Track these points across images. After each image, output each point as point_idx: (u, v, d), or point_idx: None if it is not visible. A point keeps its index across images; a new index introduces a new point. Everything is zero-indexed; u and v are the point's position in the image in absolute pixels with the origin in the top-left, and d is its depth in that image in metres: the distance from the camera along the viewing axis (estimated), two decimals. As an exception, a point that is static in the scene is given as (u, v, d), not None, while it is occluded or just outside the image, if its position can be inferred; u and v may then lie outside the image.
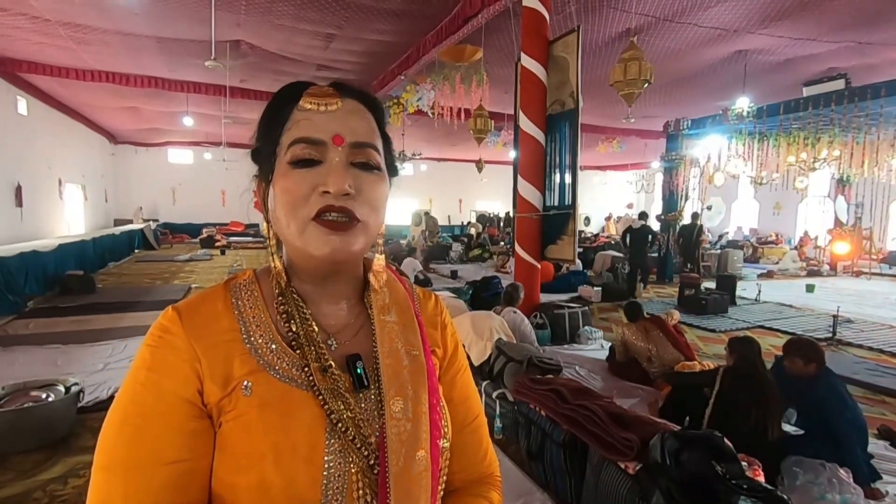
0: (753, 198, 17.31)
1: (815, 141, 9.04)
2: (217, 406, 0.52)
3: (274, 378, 0.53)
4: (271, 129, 0.57)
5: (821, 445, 2.57)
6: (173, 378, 0.52)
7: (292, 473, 0.49)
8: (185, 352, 0.52)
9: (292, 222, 0.54)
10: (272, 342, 0.55)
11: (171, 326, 0.54)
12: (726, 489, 1.71)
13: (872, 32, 6.30)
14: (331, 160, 0.54)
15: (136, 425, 0.50)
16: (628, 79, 4.59)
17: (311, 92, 0.56)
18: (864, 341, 5.56)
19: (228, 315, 0.56)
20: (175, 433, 0.50)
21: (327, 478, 0.50)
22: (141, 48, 7.46)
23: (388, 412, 0.55)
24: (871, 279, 10.77)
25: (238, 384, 0.52)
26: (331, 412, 0.52)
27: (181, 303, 0.57)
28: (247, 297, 0.58)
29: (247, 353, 0.54)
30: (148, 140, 16.67)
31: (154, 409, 0.50)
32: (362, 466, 0.52)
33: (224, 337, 0.54)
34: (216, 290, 0.59)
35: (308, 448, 0.50)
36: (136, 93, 9.90)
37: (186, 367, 0.52)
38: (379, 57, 7.86)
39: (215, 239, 14.72)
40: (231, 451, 0.51)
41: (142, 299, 6.85)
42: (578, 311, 5.45)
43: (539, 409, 2.60)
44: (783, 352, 2.84)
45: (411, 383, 0.58)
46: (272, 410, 0.51)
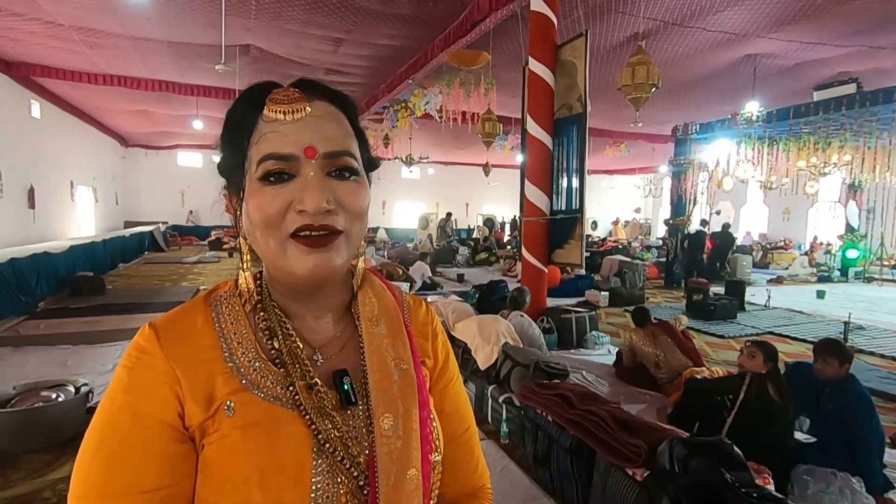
0: (763, 203, 17.16)
1: (826, 146, 8.96)
2: (199, 428, 0.49)
3: (258, 397, 0.51)
4: (236, 140, 0.53)
5: (836, 454, 2.54)
6: (151, 401, 0.49)
7: (278, 496, 0.47)
8: (164, 373, 0.50)
9: (270, 241, 0.51)
10: (255, 360, 0.53)
11: (148, 346, 0.51)
12: (735, 497, 1.69)
13: (884, 36, 6.24)
14: (305, 175, 0.50)
15: (113, 451, 0.48)
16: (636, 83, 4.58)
17: (276, 98, 0.51)
18: (877, 348, 5.49)
19: (209, 331, 0.53)
20: (154, 458, 0.48)
21: (314, 500, 0.48)
22: (152, 52, 7.56)
23: (378, 430, 0.53)
24: (882, 285, 10.63)
25: (221, 405, 0.50)
26: (318, 432, 0.50)
27: (159, 319, 0.53)
28: (227, 311, 0.55)
29: (229, 372, 0.51)
30: (158, 143, 16.85)
31: (131, 434, 0.48)
32: (351, 487, 0.50)
33: (205, 355, 0.52)
34: (196, 305, 0.56)
35: (295, 469, 0.48)
36: (146, 96, 10.02)
37: (165, 389, 0.49)
38: (387, 61, 7.90)
39: (223, 241, 14.82)
40: (215, 474, 0.48)
41: (151, 301, 6.90)
42: (585, 316, 5.42)
43: (546, 413, 2.59)
44: (815, 353, 2.76)
45: (401, 398, 0.56)
46: (256, 431, 0.49)
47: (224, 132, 0.55)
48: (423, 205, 19.70)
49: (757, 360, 2.62)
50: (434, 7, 5.84)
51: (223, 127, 0.55)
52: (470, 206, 21.19)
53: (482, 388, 3.39)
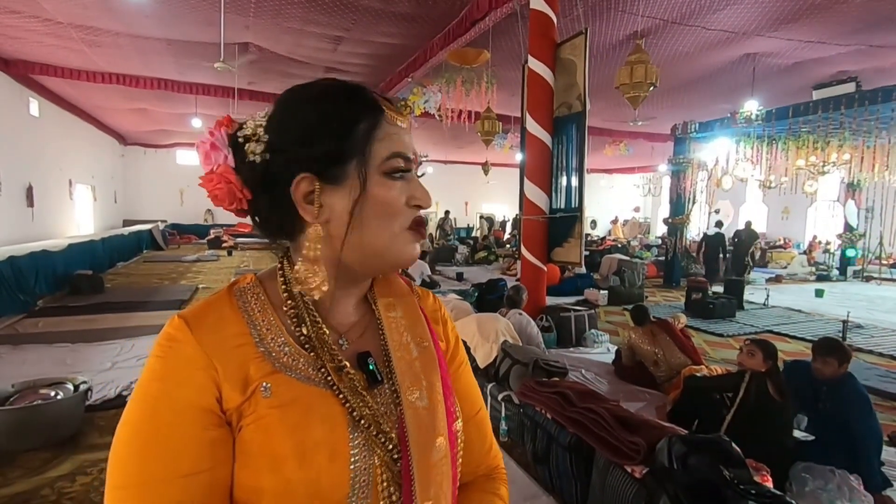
0: (762, 202, 17.18)
1: (825, 145, 8.97)
2: (237, 411, 0.51)
3: (292, 379, 0.53)
4: (352, 132, 0.55)
5: (834, 452, 2.54)
6: (187, 387, 0.50)
7: (317, 472, 0.49)
8: (198, 360, 0.51)
9: (385, 230, 0.56)
10: (285, 345, 0.55)
11: (179, 335, 0.52)
12: (734, 494, 1.69)
13: (884, 35, 6.25)
14: (413, 175, 0.59)
15: (150, 438, 0.48)
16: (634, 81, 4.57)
17: (389, 106, 0.58)
18: (875, 347, 5.50)
19: (237, 319, 0.55)
20: (193, 443, 0.49)
21: (354, 472, 0.51)
22: (151, 50, 7.54)
23: (406, 403, 0.56)
24: (881, 284, 10.65)
25: (256, 387, 0.51)
26: (352, 409, 0.53)
27: (186, 311, 0.55)
28: (254, 301, 0.57)
29: (261, 357, 0.53)
30: (156, 141, 16.82)
31: (169, 421, 0.49)
32: (386, 460, 0.53)
33: (235, 342, 0.53)
34: (221, 296, 0.57)
35: (333, 445, 0.51)
36: (145, 94, 10.01)
37: (201, 375, 0.50)
38: (386, 59, 7.89)
39: (222, 240, 14.81)
40: (254, 454, 0.50)
41: (150, 299, 6.89)
42: (585, 315, 5.42)
43: (545, 411, 2.59)
44: (815, 352, 2.77)
45: (424, 373, 0.60)
46: (293, 410, 0.51)
47: (332, 122, 0.54)
48: (422, 203, 19.69)
49: (756, 358, 2.63)
50: (433, 5, 5.83)
51: (321, 115, 0.55)
52: (469, 204, 21.18)
53: (481, 386, 3.38)
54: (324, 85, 0.57)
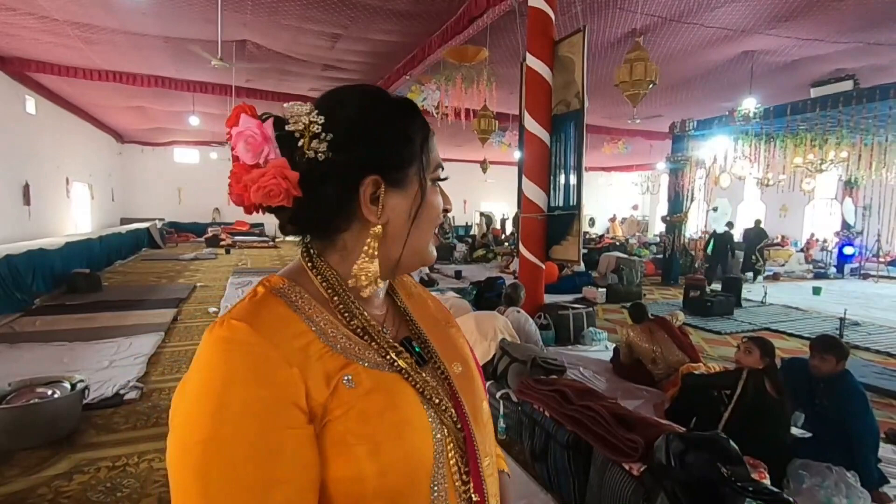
0: (760, 199, 17.20)
1: (823, 142, 8.98)
2: (322, 406, 0.50)
3: (366, 367, 0.55)
4: (412, 141, 0.60)
5: (831, 448, 2.55)
6: (277, 387, 0.48)
7: (412, 446, 0.53)
8: (276, 359, 0.49)
9: (429, 233, 0.63)
10: (346, 338, 0.56)
11: (249, 338, 0.49)
12: (732, 491, 1.70)
13: (881, 33, 6.25)
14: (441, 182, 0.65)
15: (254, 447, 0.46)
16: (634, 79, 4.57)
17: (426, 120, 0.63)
18: (872, 344, 5.52)
19: (295, 318, 0.54)
20: (296, 444, 0.48)
21: (436, 443, 0.55)
22: (148, 48, 7.51)
23: (453, 375, 0.63)
24: (878, 282, 10.69)
25: (339, 380, 0.52)
26: (421, 388, 0.57)
27: (237, 314, 0.52)
28: (299, 300, 0.56)
29: (330, 351, 0.54)
30: (154, 139, 16.77)
31: (270, 425, 0.47)
32: (450, 427, 0.58)
33: (302, 339, 0.53)
34: (264, 298, 0.55)
35: (417, 422, 0.55)
36: (143, 92, 9.96)
37: (284, 374, 0.49)
38: (384, 57, 7.87)
39: (220, 238, 14.78)
40: (352, 444, 0.50)
41: (147, 297, 6.88)
42: (583, 312, 5.43)
43: (543, 409, 2.59)
44: (812, 349, 2.77)
45: (458, 348, 0.68)
46: (379, 395, 0.53)
47: (399, 128, 0.59)
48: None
49: (754, 355, 2.63)
50: (431, 3, 5.81)
51: (389, 122, 0.59)
52: (468, 203, 21.17)
53: (479, 384, 3.39)
54: (378, 91, 0.61)
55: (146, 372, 4.00)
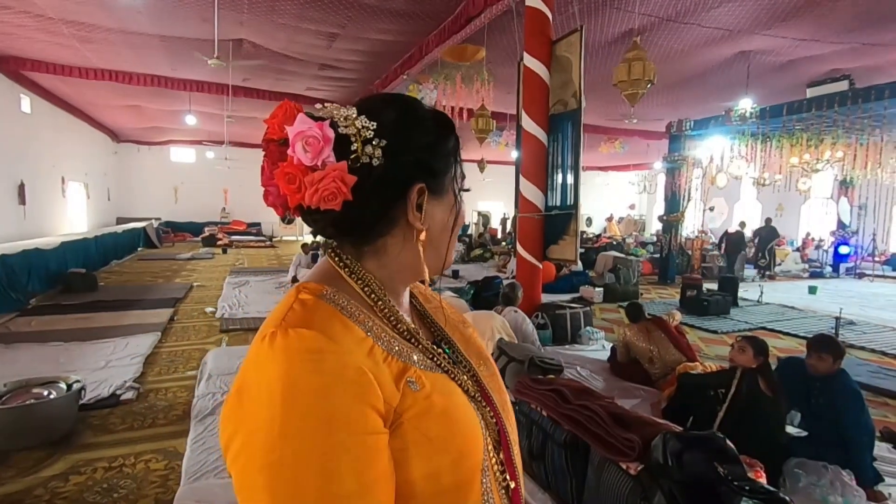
0: (756, 199, 17.25)
1: (818, 142, 9.01)
2: (396, 409, 0.51)
3: (421, 369, 0.56)
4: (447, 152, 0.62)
5: (827, 447, 2.57)
6: (363, 393, 0.48)
7: (473, 439, 0.56)
8: (355, 366, 0.49)
9: (455, 240, 0.65)
10: (399, 342, 0.57)
11: (324, 346, 0.49)
12: (728, 490, 1.70)
13: (876, 34, 6.28)
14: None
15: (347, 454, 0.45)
16: (632, 79, 4.57)
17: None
18: (867, 343, 5.55)
19: (352, 325, 0.54)
20: (381, 447, 0.48)
21: (484, 436, 0.58)
22: (144, 46, 7.48)
23: (481, 374, 0.66)
24: (874, 281, 10.74)
25: (404, 383, 0.53)
26: (465, 387, 0.60)
27: (298, 321, 0.51)
28: (349, 305, 0.56)
29: (389, 355, 0.54)
30: (150, 138, 16.71)
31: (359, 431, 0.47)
32: (487, 420, 0.61)
33: (365, 346, 0.53)
34: (317, 306, 0.54)
35: (472, 418, 0.58)
36: (139, 91, 9.93)
37: (363, 378, 0.49)
38: (382, 56, 7.86)
39: (217, 237, 14.75)
40: (428, 443, 0.52)
41: (144, 297, 6.86)
42: (580, 312, 5.44)
43: (540, 409, 2.59)
44: (809, 348, 2.78)
45: (479, 348, 0.71)
46: (440, 395, 0.55)
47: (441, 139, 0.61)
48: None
49: (747, 354, 2.64)
50: (429, 2, 5.81)
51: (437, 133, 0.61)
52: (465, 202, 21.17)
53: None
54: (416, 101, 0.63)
55: (143, 372, 3.99)
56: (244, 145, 17.07)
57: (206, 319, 5.90)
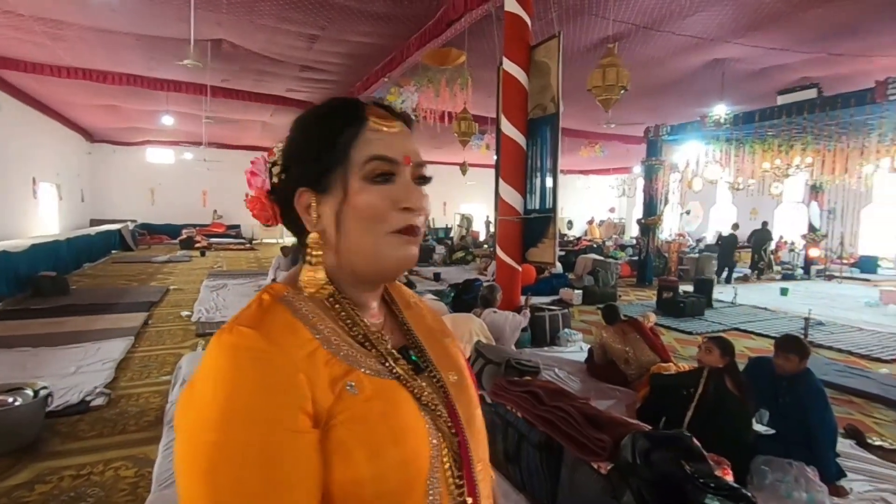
0: (731, 203, 17.67)
1: (789, 148, 9.28)
2: (328, 411, 0.52)
3: (367, 374, 0.56)
4: (333, 144, 0.59)
5: (793, 444, 2.64)
6: (285, 392, 0.50)
7: (412, 450, 0.55)
8: (286, 365, 0.51)
9: (369, 234, 0.58)
10: (349, 345, 0.58)
11: (258, 344, 0.51)
12: (694, 488, 1.75)
13: (843, 43, 6.50)
14: (402, 178, 0.60)
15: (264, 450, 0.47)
16: (606, 84, 4.66)
17: (375, 113, 0.60)
18: (834, 343, 5.72)
19: (299, 325, 0.56)
20: (302, 448, 0.49)
21: (432, 448, 0.56)
22: (119, 45, 7.34)
23: (448, 384, 0.64)
24: (842, 283, 11.08)
25: (342, 386, 0.53)
26: (419, 395, 0.59)
27: (245, 321, 0.54)
28: (303, 308, 0.58)
29: (334, 357, 0.55)
30: (126, 139, 16.36)
31: (278, 428, 0.48)
32: (446, 433, 0.59)
33: (308, 347, 0.54)
34: (269, 306, 0.57)
35: (416, 427, 0.56)
36: (113, 90, 9.72)
37: (294, 379, 0.51)
38: (363, 59, 7.85)
39: (195, 240, 14.49)
40: (354, 448, 0.52)
41: (117, 301, 6.70)
42: (559, 314, 5.50)
43: (516, 410, 2.62)
44: (776, 349, 2.86)
45: (453, 358, 0.69)
46: (379, 402, 0.55)
47: (316, 138, 0.60)
48: (400, 204, 19.59)
49: (714, 354, 2.71)
50: (409, 5, 5.83)
51: (311, 134, 0.61)
52: (448, 205, 21.20)
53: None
54: (321, 104, 0.63)
55: (114, 377, 3.90)
56: (224, 146, 16.83)
57: (181, 323, 5.79)
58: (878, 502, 2.51)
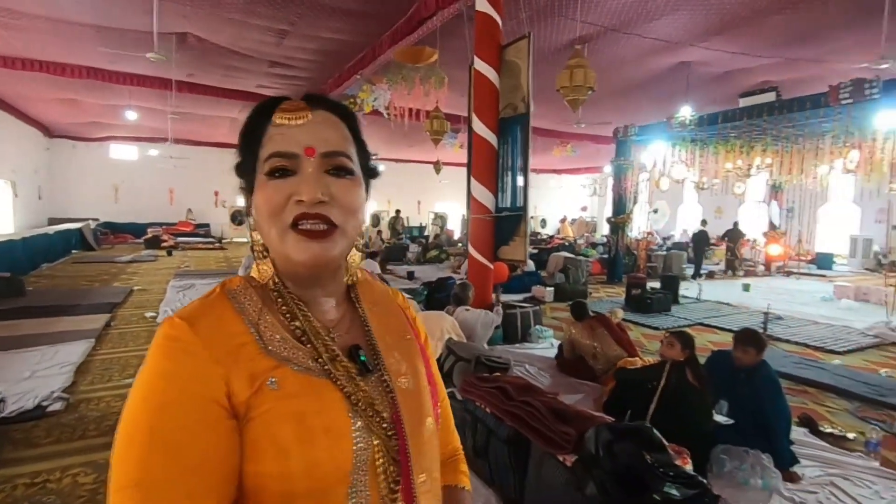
0: (697, 202, 18.20)
1: (750, 149, 9.62)
2: (245, 404, 0.53)
3: (294, 371, 0.56)
4: (250, 144, 0.61)
5: (750, 433, 2.75)
6: (197, 382, 0.51)
7: (323, 453, 0.53)
8: (205, 357, 0.53)
9: (273, 230, 0.58)
10: (283, 340, 0.58)
11: (183, 335, 0.53)
12: (654, 477, 1.80)
13: (800, 49, 6.78)
14: (304, 170, 0.58)
15: (162, 434, 0.49)
16: (574, 85, 4.74)
17: (283, 107, 0.60)
18: (792, 336, 5.96)
19: (235, 318, 0.57)
20: (209, 436, 0.50)
21: (356, 453, 0.55)
22: (78, 37, 7.05)
23: (397, 389, 0.62)
24: (800, 279, 11.55)
25: (263, 381, 0.54)
26: (350, 395, 0.57)
27: (183, 312, 0.56)
28: (247, 301, 0.60)
29: (263, 352, 0.56)
30: (87, 134, 15.73)
31: (179, 415, 0.50)
32: (383, 438, 0.58)
33: (237, 340, 0.56)
34: (215, 298, 0.60)
35: (339, 428, 0.55)
36: (73, 84, 9.34)
37: (209, 371, 0.52)
38: (334, 56, 7.76)
39: (161, 239, 14.07)
40: (264, 444, 0.52)
41: (78, 303, 6.45)
42: (530, 311, 5.57)
43: (485, 406, 2.64)
44: (735, 342, 2.98)
45: (410, 362, 0.67)
46: (300, 400, 0.54)
47: (241, 138, 0.62)
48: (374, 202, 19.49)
49: (675, 348, 2.80)
50: (381, 3, 5.79)
51: (240, 134, 0.63)
52: (422, 203, 21.19)
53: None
54: (258, 104, 0.63)
55: (73, 381, 3.76)
56: (191, 143, 16.37)
57: (146, 325, 5.62)
58: (828, 486, 2.64)
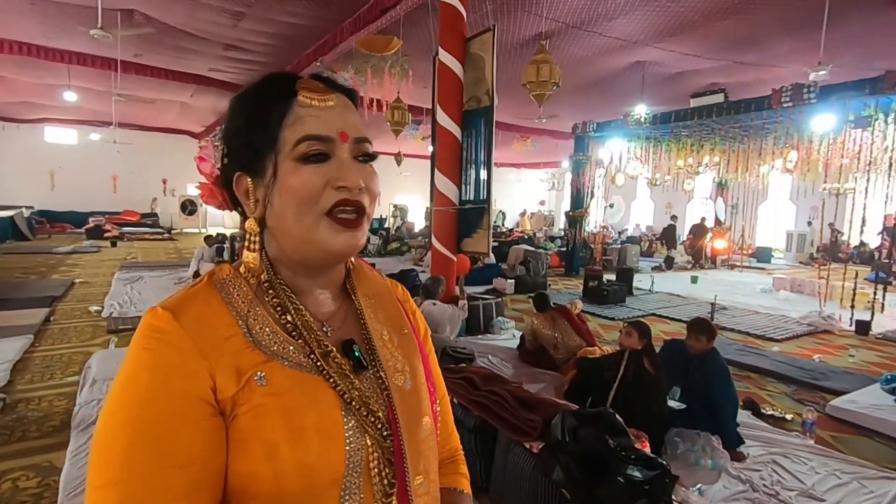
0: (650, 198, 18.93)
1: (700, 148, 10.08)
2: (231, 400, 0.51)
3: (284, 366, 0.54)
4: (264, 124, 0.56)
5: (701, 417, 2.91)
6: (181, 377, 0.49)
7: (314, 453, 0.51)
8: (189, 350, 0.50)
9: (304, 218, 0.55)
10: (273, 333, 0.55)
11: (167, 326, 0.51)
12: (617, 460, 1.88)
13: (745, 53, 7.15)
14: (339, 156, 0.56)
15: (144, 431, 0.47)
16: (540, 80, 4.81)
17: (307, 87, 0.56)
18: (735, 325, 6.33)
19: (223, 310, 0.55)
20: (188, 432, 0.48)
21: (349, 453, 0.53)
22: (7, 9, 6.51)
23: (393, 387, 0.59)
24: (742, 272, 12.26)
25: (251, 376, 0.52)
26: (343, 392, 0.55)
27: (168, 302, 0.54)
28: (236, 292, 0.57)
29: (251, 346, 0.53)
30: (19, 115, 14.59)
31: (162, 411, 0.48)
32: (377, 438, 0.55)
33: (224, 332, 0.53)
34: (202, 288, 0.57)
35: (329, 427, 0.53)
36: (3, 60, 8.61)
37: (194, 364, 0.50)
38: (292, 40, 7.52)
39: (104, 229, 13.29)
40: (251, 441, 0.50)
41: (11, 296, 6.01)
42: (492, 303, 5.65)
43: (452, 396, 2.67)
44: (689, 331, 3.13)
45: (407, 359, 0.64)
46: (289, 396, 0.52)
47: (246, 118, 0.57)
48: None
49: (633, 337, 2.92)
50: (343, -12, 5.66)
51: (243, 114, 0.58)
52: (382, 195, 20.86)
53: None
54: (257, 81, 0.59)
55: (10, 380, 3.52)
56: (138, 128, 15.52)
57: (90, 319, 5.31)
58: (770, 464, 2.83)
